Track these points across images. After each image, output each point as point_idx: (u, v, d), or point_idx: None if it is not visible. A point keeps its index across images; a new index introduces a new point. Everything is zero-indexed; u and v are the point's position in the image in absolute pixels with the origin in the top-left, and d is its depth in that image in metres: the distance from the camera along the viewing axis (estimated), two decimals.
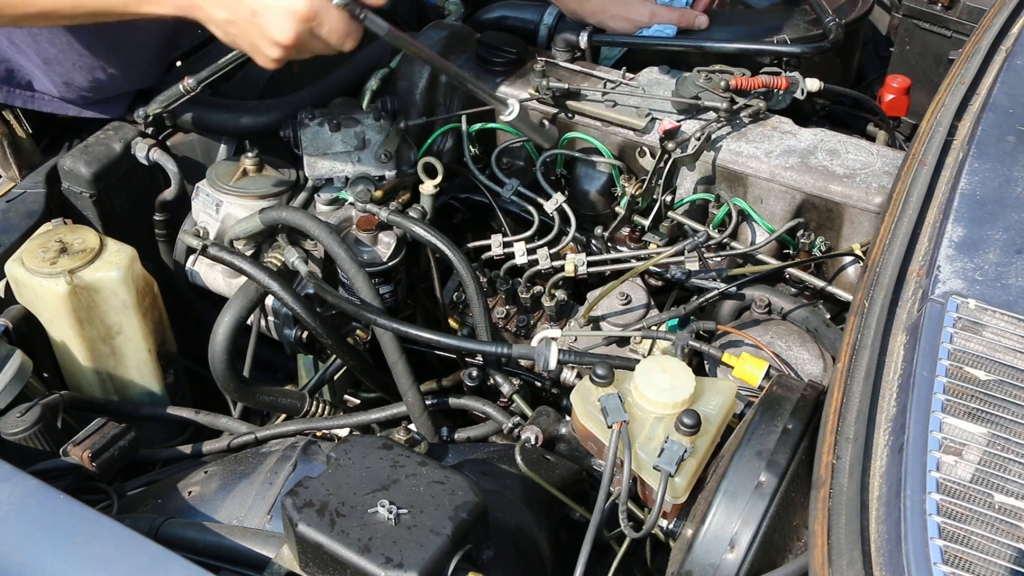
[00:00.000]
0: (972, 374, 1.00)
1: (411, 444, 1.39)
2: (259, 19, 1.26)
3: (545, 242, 1.66)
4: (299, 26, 1.25)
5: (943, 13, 2.09)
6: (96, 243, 1.59)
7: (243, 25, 1.28)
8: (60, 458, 1.35)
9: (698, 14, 1.87)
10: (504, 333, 1.71)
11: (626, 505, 1.12)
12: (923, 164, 1.33)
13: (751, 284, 1.57)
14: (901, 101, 2.00)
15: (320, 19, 1.25)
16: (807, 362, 1.46)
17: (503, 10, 2.08)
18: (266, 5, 1.24)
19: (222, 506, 1.29)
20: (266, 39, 1.28)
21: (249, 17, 1.27)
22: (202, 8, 1.31)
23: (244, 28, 1.29)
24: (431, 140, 1.76)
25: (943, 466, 0.93)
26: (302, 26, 1.25)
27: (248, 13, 1.26)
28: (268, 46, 1.29)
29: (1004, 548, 0.86)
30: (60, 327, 1.59)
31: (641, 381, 1.17)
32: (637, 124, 1.70)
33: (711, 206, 1.65)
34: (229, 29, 1.31)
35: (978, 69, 1.49)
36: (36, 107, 1.70)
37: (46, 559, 1.00)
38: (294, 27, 1.25)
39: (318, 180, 1.67)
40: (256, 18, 1.26)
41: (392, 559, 0.98)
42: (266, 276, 1.47)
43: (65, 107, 1.71)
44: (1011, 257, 1.13)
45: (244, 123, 1.77)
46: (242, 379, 1.54)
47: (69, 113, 1.72)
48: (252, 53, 1.33)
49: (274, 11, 1.24)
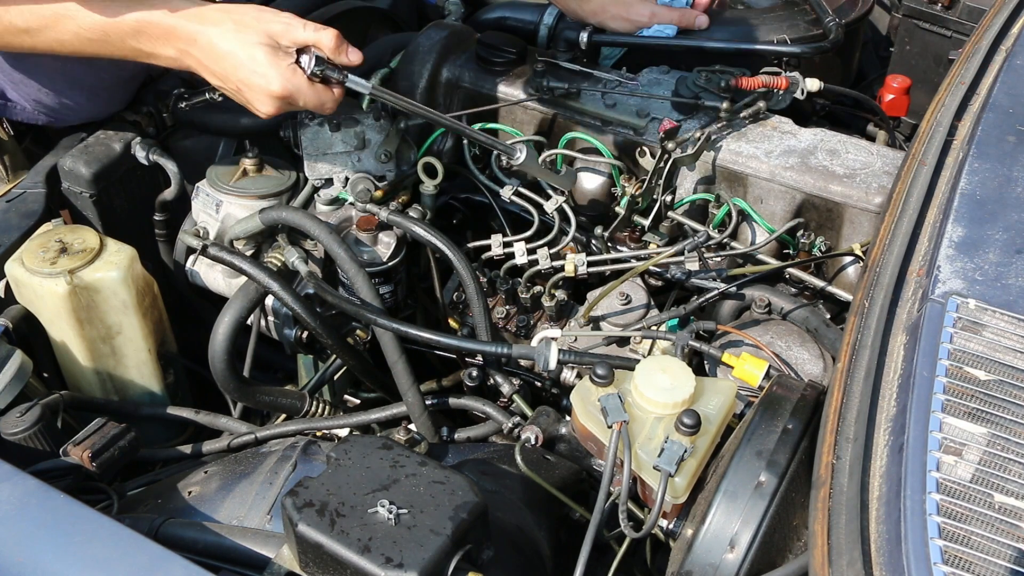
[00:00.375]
0: (972, 374, 1.00)
1: (411, 444, 1.38)
2: (243, 94, 1.41)
3: (545, 242, 1.66)
4: (277, 103, 1.40)
5: (943, 13, 2.09)
6: (96, 243, 1.59)
7: (232, 93, 1.44)
8: (60, 458, 1.35)
9: (698, 14, 1.87)
10: (504, 333, 1.71)
11: (626, 505, 1.12)
12: (923, 164, 1.33)
13: (751, 284, 1.57)
14: (901, 101, 2.00)
15: (295, 95, 1.39)
16: (807, 362, 1.46)
17: (503, 10, 2.08)
18: (247, 84, 1.39)
19: (222, 506, 1.29)
20: (252, 107, 1.43)
21: (235, 90, 1.42)
22: (197, 70, 1.44)
23: (234, 95, 1.44)
24: (431, 140, 1.76)
25: (943, 466, 0.93)
26: (280, 102, 1.40)
27: (234, 87, 1.41)
28: (256, 111, 1.44)
29: (1004, 548, 0.86)
30: (60, 327, 1.59)
31: (641, 381, 1.16)
32: (637, 124, 1.70)
33: (711, 206, 1.65)
34: (222, 90, 1.46)
35: (978, 69, 1.49)
36: (9, 116, 1.71)
37: (46, 559, 1.00)
38: (272, 103, 1.40)
39: (318, 180, 1.67)
40: (240, 93, 1.42)
41: (392, 559, 0.98)
42: (266, 276, 1.47)
43: (35, 117, 1.72)
44: (1011, 257, 1.13)
45: (244, 123, 1.76)
46: (242, 379, 1.54)
47: (39, 123, 1.73)
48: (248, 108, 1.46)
49: (254, 90, 1.39)
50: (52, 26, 1.39)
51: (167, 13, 1.39)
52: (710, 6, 1.91)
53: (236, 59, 1.37)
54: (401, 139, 1.68)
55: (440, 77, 1.83)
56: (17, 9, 1.38)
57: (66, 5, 1.38)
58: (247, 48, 1.37)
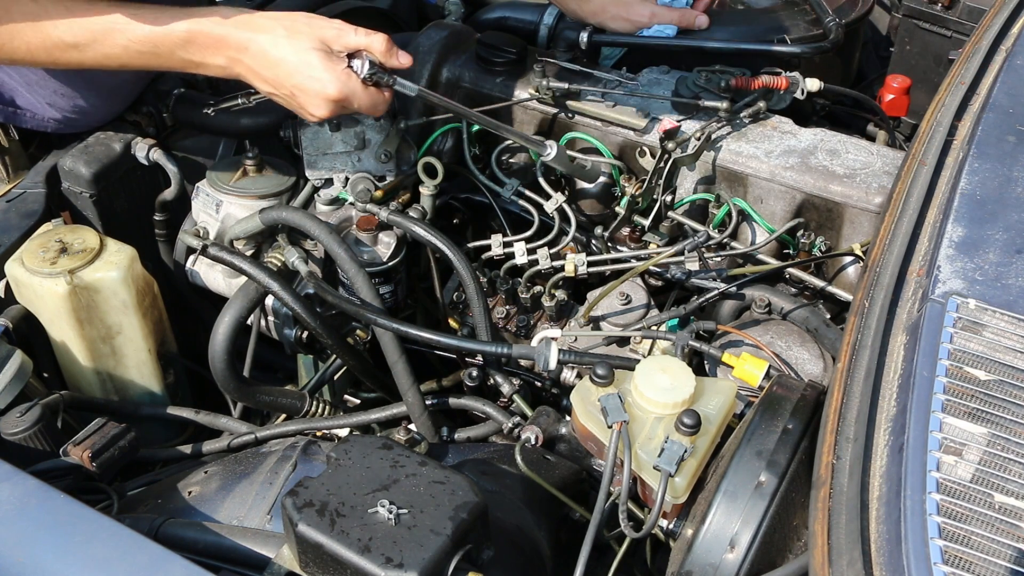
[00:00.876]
0: (972, 374, 1.00)
1: (411, 444, 1.38)
2: (297, 99, 1.42)
3: (545, 242, 1.66)
4: (332, 106, 1.41)
5: (943, 13, 2.09)
6: (96, 243, 1.59)
7: (285, 99, 1.44)
8: (60, 458, 1.35)
9: (698, 14, 1.87)
10: (504, 333, 1.71)
11: (626, 505, 1.12)
12: (923, 164, 1.33)
13: (751, 284, 1.57)
14: (901, 101, 2.00)
15: (350, 99, 1.41)
16: (807, 362, 1.46)
17: (503, 10, 2.08)
18: (302, 88, 1.40)
19: (222, 506, 1.29)
20: (305, 111, 1.44)
21: (288, 96, 1.42)
22: (247, 79, 1.44)
23: (286, 100, 1.45)
24: (431, 140, 1.76)
25: (943, 466, 0.93)
26: (335, 106, 1.41)
27: (287, 92, 1.42)
28: (308, 116, 1.45)
29: (1004, 548, 0.86)
30: (60, 327, 1.59)
31: (641, 381, 1.16)
32: (637, 124, 1.70)
33: (711, 206, 1.65)
34: (273, 96, 1.46)
35: (978, 69, 1.49)
36: (18, 123, 1.71)
37: (46, 559, 1.00)
38: (327, 107, 1.41)
39: (318, 180, 1.67)
40: (294, 98, 1.42)
41: (392, 559, 0.98)
42: (266, 276, 1.47)
43: (44, 123, 1.72)
44: (1011, 257, 1.13)
45: (244, 123, 1.76)
46: (242, 379, 1.54)
47: (47, 130, 1.73)
48: (297, 114, 1.48)
49: (309, 94, 1.40)
50: (101, 40, 1.39)
51: (218, 21, 1.39)
52: (710, 6, 1.91)
53: (290, 65, 1.38)
54: (401, 139, 1.68)
55: (440, 77, 1.83)
56: (65, 24, 1.38)
57: (114, 18, 1.38)
58: (301, 53, 1.37)
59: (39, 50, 1.40)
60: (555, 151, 1.58)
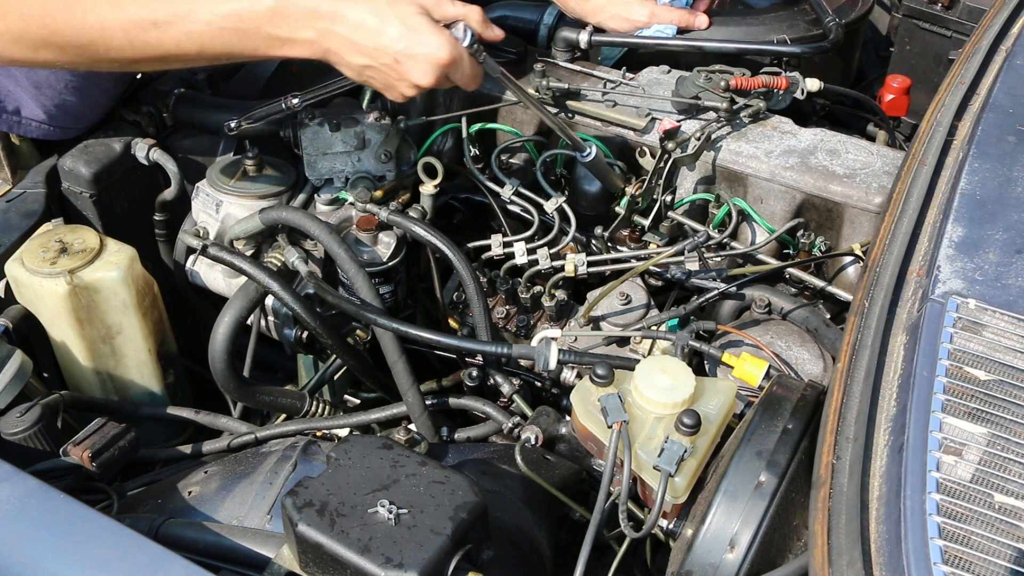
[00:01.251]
0: (972, 374, 1.00)
1: (411, 444, 1.38)
2: (401, 66, 1.34)
3: (545, 242, 1.66)
4: (439, 72, 1.35)
5: (943, 13, 2.09)
6: (96, 243, 1.59)
7: (382, 70, 1.36)
8: (60, 458, 1.35)
9: (698, 14, 1.87)
10: (504, 333, 1.71)
11: (626, 505, 1.12)
12: (923, 164, 1.33)
13: (751, 284, 1.57)
14: (901, 101, 2.00)
15: (457, 65, 1.35)
16: (807, 362, 1.46)
17: (503, 10, 2.07)
18: (409, 54, 1.33)
19: (222, 506, 1.29)
20: (405, 82, 1.37)
21: (391, 64, 1.35)
22: (338, 54, 1.36)
23: (382, 72, 1.37)
24: (431, 140, 1.76)
25: (943, 466, 0.93)
26: (441, 72, 1.35)
27: (390, 60, 1.34)
28: (406, 87, 1.38)
29: (1004, 548, 0.86)
30: (60, 327, 1.59)
31: (641, 381, 1.16)
32: (637, 124, 1.70)
33: (711, 206, 1.65)
34: (365, 72, 1.38)
35: (978, 69, 1.49)
36: (22, 132, 1.70)
37: (46, 559, 1.00)
38: (434, 73, 1.35)
39: (318, 180, 1.67)
40: (398, 65, 1.34)
41: (392, 559, 0.98)
42: (266, 276, 1.47)
43: (51, 132, 1.70)
44: (1011, 257, 1.13)
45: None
46: (242, 379, 1.54)
47: (54, 138, 1.72)
48: (385, 91, 1.41)
49: (417, 60, 1.33)
50: (184, 16, 1.32)
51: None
52: (710, 6, 1.92)
53: (396, 30, 1.32)
54: (401, 139, 1.68)
55: None
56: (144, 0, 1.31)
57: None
58: (407, 18, 1.32)
59: (114, 29, 1.32)
60: (594, 152, 1.58)
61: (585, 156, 1.58)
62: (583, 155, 1.58)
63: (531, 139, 1.77)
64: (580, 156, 1.59)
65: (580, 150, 1.58)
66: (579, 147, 1.58)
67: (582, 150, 1.58)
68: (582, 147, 1.58)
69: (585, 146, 1.58)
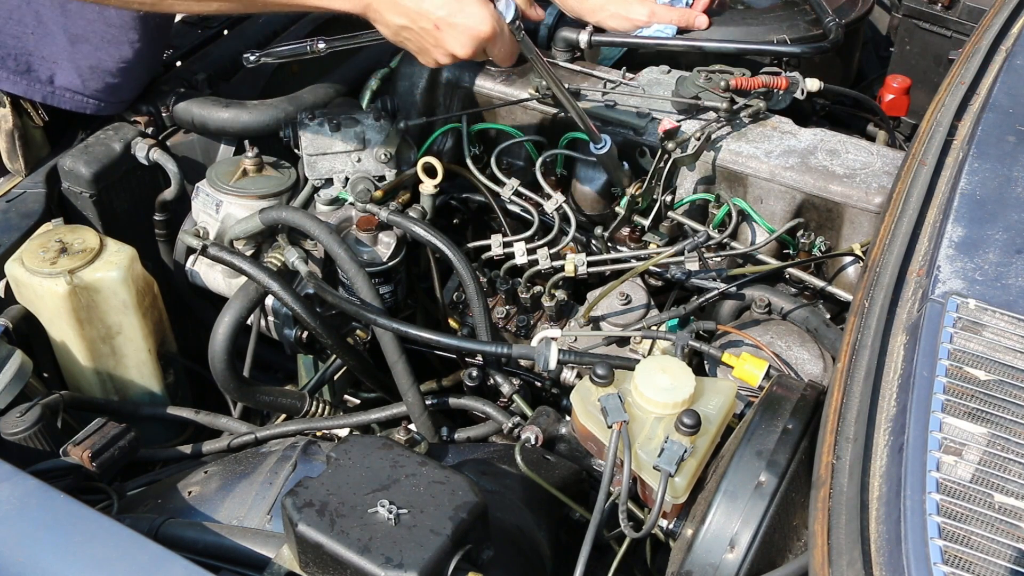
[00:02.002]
0: (972, 374, 1.00)
1: (411, 444, 1.38)
2: (441, 33, 1.33)
3: (545, 242, 1.66)
4: (478, 44, 1.34)
5: (943, 13, 2.10)
6: (96, 243, 1.59)
7: (420, 34, 1.35)
8: (60, 458, 1.35)
9: (698, 14, 1.87)
10: (504, 333, 1.71)
11: (626, 505, 1.12)
12: (923, 164, 1.33)
13: (751, 284, 1.57)
14: (901, 101, 2.00)
15: (495, 40, 1.34)
16: (807, 362, 1.46)
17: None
18: (451, 23, 1.32)
19: (222, 506, 1.29)
20: (441, 49, 1.35)
21: (430, 29, 1.33)
22: (378, 11, 1.35)
23: (420, 36, 1.35)
24: (431, 140, 1.76)
25: (943, 466, 0.92)
26: (480, 44, 1.34)
27: (430, 25, 1.33)
28: (441, 55, 1.37)
29: (1004, 548, 0.86)
30: (60, 327, 1.59)
31: (641, 381, 1.16)
32: (637, 124, 1.70)
33: (711, 206, 1.65)
34: (402, 33, 1.36)
35: (978, 69, 1.49)
36: (55, 103, 1.69)
37: (46, 559, 1.00)
38: (473, 45, 1.34)
39: (318, 180, 1.67)
40: (438, 31, 1.33)
41: (392, 559, 0.98)
42: (266, 276, 1.47)
43: (84, 103, 1.70)
44: (1011, 257, 1.13)
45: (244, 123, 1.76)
46: (242, 379, 1.54)
47: (87, 111, 1.72)
48: (419, 54, 1.40)
49: (458, 29, 1.32)
50: None
51: None
52: (710, 6, 1.92)
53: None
54: (401, 139, 1.68)
55: (440, 77, 1.83)
56: None
57: None
58: None
59: None
60: (608, 146, 1.58)
61: (600, 148, 1.58)
62: (598, 146, 1.58)
63: (531, 139, 1.77)
64: (595, 147, 1.59)
65: (596, 141, 1.59)
66: (596, 138, 1.59)
67: (598, 141, 1.58)
68: (598, 138, 1.59)
69: (601, 138, 1.59)
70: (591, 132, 1.59)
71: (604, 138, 1.59)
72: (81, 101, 1.69)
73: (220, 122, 1.78)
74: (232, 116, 1.76)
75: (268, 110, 1.78)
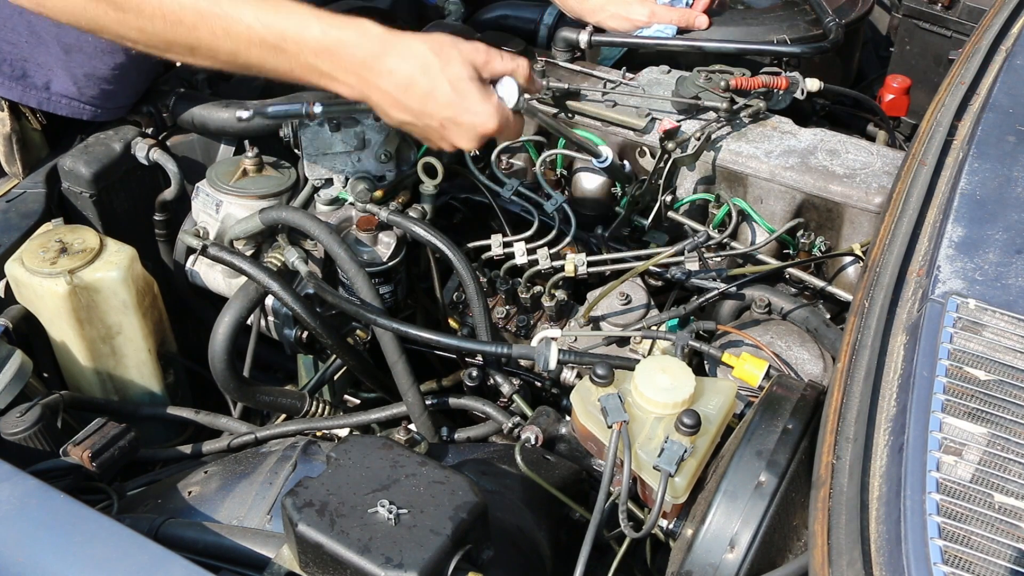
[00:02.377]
0: (972, 374, 1.00)
1: (411, 444, 1.38)
2: (445, 131, 1.32)
3: (545, 242, 1.66)
4: (483, 139, 1.33)
5: (943, 13, 2.10)
6: (96, 243, 1.59)
7: (424, 129, 1.34)
8: (60, 458, 1.35)
9: (698, 14, 1.87)
10: (504, 333, 1.71)
11: (626, 505, 1.12)
12: (923, 164, 1.33)
13: (751, 284, 1.57)
14: (901, 101, 2.00)
15: (502, 131, 1.33)
16: (807, 362, 1.46)
17: (503, 10, 2.08)
18: (456, 122, 1.30)
19: (222, 506, 1.29)
20: (445, 142, 1.35)
21: (435, 127, 1.32)
22: (379, 106, 1.32)
23: (424, 131, 1.34)
24: None
25: (943, 466, 0.93)
26: (486, 138, 1.33)
27: (435, 124, 1.32)
28: (446, 146, 1.36)
29: (1004, 548, 0.86)
30: (60, 327, 1.59)
31: (641, 381, 1.16)
32: (637, 124, 1.70)
33: (711, 206, 1.65)
34: (404, 126, 1.35)
35: (978, 69, 1.49)
36: (51, 109, 1.68)
37: (46, 559, 1.00)
38: (479, 140, 1.33)
39: (318, 180, 1.67)
40: (443, 129, 1.32)
41: (392, 559, 0.98)
42: (266, 276, 1.47)
43: (80, 110, 1.69)
44: (1011, 257, 1.13)
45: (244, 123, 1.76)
46: (242, 379, 1.54)
47: (84, 117, 1.71)
48: (423, 142, 1.39)
49: (463, 128, 1.31)
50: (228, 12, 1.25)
51: (359, 36, 1.27)
52: (710, 6, 1.92)
53: (446, 96, 1.28)
54: (401, 139, 1.68)
55: None
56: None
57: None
58: (459, 83, 1.28)
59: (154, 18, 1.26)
60: (610, 159, 1.60)
61: (602, 162, 1.59)
62: (600, 160, 1.59)
63: (531, 139, 1.77)
64: (596, 162, 1.60)
65: (597, 156, 1.61)
66: (596, 154, 1.61)
67: (599, 156, 1.60)
68: (599, 153, 1.61)
69: (602, 152, 1.61)
70: (592, 150, 1.61)
71: (603, 151, 1.61)
72: (78, 107, 1.69)
73: (220, 122, 1.77)
74: (232, 116, 1.76)
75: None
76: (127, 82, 1.71)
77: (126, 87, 1.72)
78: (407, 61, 1.28)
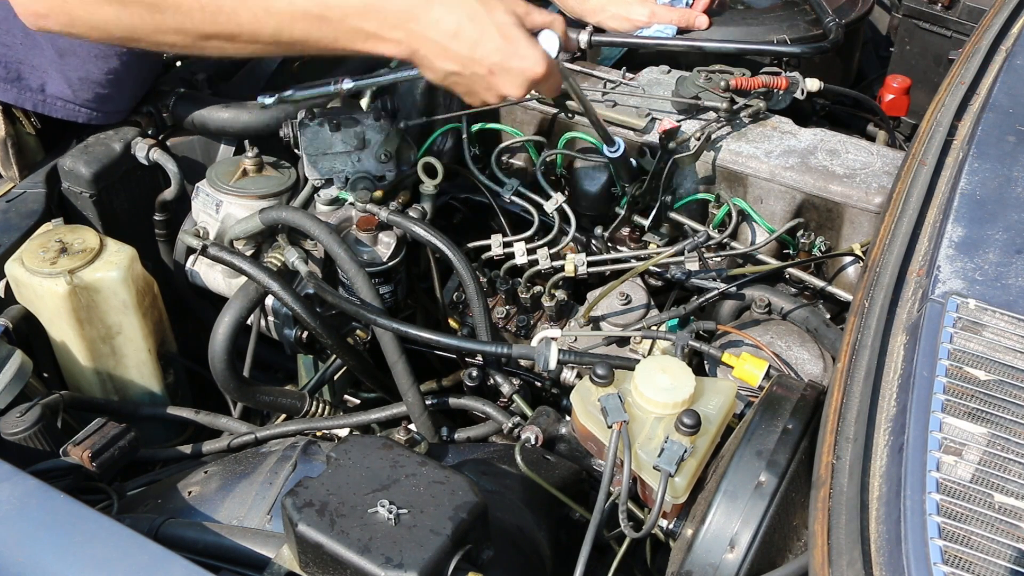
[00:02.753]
0: (972, 374, 1.00)
1: (411, 444, 1.38)
2: (495, 77, 1.30)
3: (545, 242, 1.66)
4: (531, 85, 1.32)
5: (943, 13, 2.10)
6: (96, 243, 1.59)
7: (471, 79, 1.32)
8: (60, 458, 1.35)
9: (698, 14, 1.87)
10: (504, 333, 1.71)
11: (626, 505, 1.12)
12: (923, 164, 1.33)
13: (751, 284, 1.57)
14: (901, 101, 2.00)
15: (546, 78, 1.32)
16: (807, 362, 1.46)
17: None
18: (506, 67, 1.29)
19: (222, 506, 1.29)
20: (492, 91, 1.33)
21: (483, 75, 1.30)
22: (426, 57, 1.31)
23: (471, 81, 1.32)
24: (431, 140, 1.76)
25: (943, 466, 0.93)
26: (532, 85, 1.32)
27: (484, 71, 1.30)
28: (491, 96, 1.34)
29: (1004, 548, 0.86)
30: (60, 327, 1.59)
31: (641, 381, 1.16)
32: (637, 124, 1.70)
33: (711, 206, 1.65)
34: (451, 78, 1.33)
35: (978, 69, 1.49)
36: (46, 111, 1.67)
37: (46, 559, 1.00)
38: (527, 86, 1.31)
39: (318, 180, 1.67)
40: (492, 76, 1.30)
41: (392, 559, 0.98)
42: (266, 276, 1.47)
43: (75, 112, 1.69)
44: (1011, 257, 1.13)
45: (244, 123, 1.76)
46: (242, 379, 1.54)
47: (79, 120, 1.70)
48: (467, 97, 1.37)
49: (512, 73, 1.29)
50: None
51: None
52: (710, 6, 1.92)
53: (494, 43, 1.27)
54: (401, 139, 1.68)
55: None
56: None
57: None
58: (507, 29, 1.27)
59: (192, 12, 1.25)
60: (621, 149, 1.60)
61: (614, 151, 1.59)
62: (612, 149, 1.59)
63: (531, 139, 1.77)
64: (609, 151, 1.60)
65: (610, 144, 1.60)
66: (610, 141, 1.60)
67: (612, 144, 1.59)
68: (612, 141, 1.60)
69: (615, 141, 1.60)
70: (607, 137, 1.60)
71: (617, 141, 1.60)
72: (73, 110, 1.68)
73: (220, 122, 1.77)
74: (232, 116, 1.76)
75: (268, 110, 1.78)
76: (122, 87, 1.71)
77: (121, 92, 1.72)
78: (453, 10, 1.27)
